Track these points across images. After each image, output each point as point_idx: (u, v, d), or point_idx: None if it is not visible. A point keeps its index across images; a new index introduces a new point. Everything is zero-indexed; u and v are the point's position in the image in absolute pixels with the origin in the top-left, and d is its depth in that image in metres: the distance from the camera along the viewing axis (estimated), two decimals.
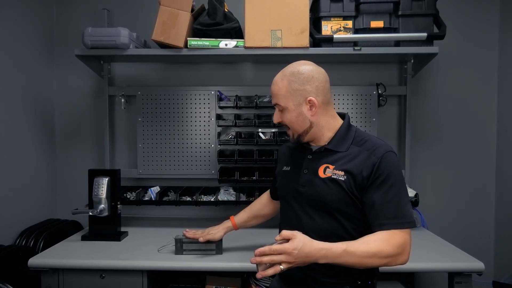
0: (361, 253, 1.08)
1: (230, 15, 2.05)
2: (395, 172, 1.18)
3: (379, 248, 1.09)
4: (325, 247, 1.07)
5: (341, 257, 1.08)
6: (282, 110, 1.28)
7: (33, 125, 2.23)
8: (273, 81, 1.30)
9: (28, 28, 2.18)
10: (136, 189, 2.27)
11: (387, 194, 1.15)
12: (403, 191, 1.18)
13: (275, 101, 1.29)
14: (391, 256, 1.10)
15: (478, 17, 2.35)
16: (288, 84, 1.24)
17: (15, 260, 1.77)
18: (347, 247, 1.08)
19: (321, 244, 1.08)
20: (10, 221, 2.02)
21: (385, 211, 1.15)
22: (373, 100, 2.30)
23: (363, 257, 1.08)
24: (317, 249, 1.06)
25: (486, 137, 2.38)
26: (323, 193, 1.22)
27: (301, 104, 1.25)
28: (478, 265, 1.57)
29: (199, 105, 2.35)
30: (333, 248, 1.07)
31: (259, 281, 1.79)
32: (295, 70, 1.26)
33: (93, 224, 1.91)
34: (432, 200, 2.36)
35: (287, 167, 1.39)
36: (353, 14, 2.00)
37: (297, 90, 1.24)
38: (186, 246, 1.67)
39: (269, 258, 1.05)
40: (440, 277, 2.25)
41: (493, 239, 2.38)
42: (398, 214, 1.14)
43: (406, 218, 1.15)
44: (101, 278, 1.62)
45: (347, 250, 1.07)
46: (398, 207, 1.15)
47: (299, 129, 1.28)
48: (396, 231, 1.13)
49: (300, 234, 1.08)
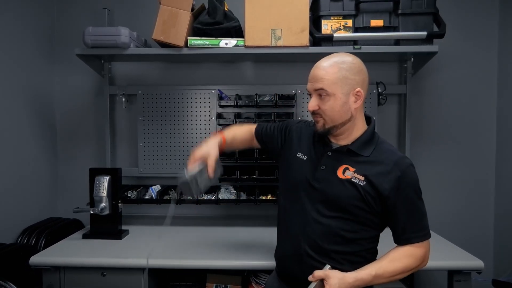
0: (389, 273, 1.18)
1: (230, 14, 2.05)
2: (417, 185, 1.23)
3: (406, 264, 1.19)
4: (358, 278, 1.15)
5: (372, 282, 1.16)
6: (323, 97, 1.20)
7: (34, 124, 2.24)
8: (318, 66, 1.23)
9: (29, 28, 2.19)
10: (137, 187, 2.28)
11: (412, 210, 1.21)
12: (423, 204, 1.24)
13: (319, 86, 1.20)
14: (415, 268, 1.21)
15: (478, 16, 2.35)
16: (338, 71, 1.19)
17: (17, 258, 1.78)
18: (376, 272, 1.16)
19: (352, 277, 1.15)
20: (12, 219, 2.03)
21: (411, 226, 1.21)
22: (373, 99, 2.31)
23: (391, 276, 1.18)
24: (351, 283, 1.14)
25: (485, 135, 2.38)
26: (340, 193, 1.21)
27: (348, 93, 1.20)
28: (477, 263, 1.58)
29: (200, 104, 2.35)
30: (364, 277, 1.15)
31: (259, 278, 1.80)
32: (345, 59, 1.21)
33: (94, 223, 1.92)
34: (432, 198, 2.35)
35: (304, 155, 1.32)
36: (353, 13, 2.00)
37: (347, 79, 1.19)
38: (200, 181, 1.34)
39: None
40: (439, 275, 2.26)
41: (492, 237, 2.38)
42: (421, 227, 1.22)
43: (427, 229, 1.23)
44: (102, 276, 1.63)
45: (376, 275, 1.16)
46: (421, 220, 1.22)
47: (337, 120, 1.22)
48: (419, 244, 1.21)
49: (332, 273, 1.14)
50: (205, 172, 1.35)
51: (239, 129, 1.58)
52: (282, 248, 1.35)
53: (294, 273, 1.27)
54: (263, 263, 1.57)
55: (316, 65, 1.24)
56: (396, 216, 1.20)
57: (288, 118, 2.24)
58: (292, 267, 1.29)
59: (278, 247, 1.38)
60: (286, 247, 1.32)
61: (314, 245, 1.22)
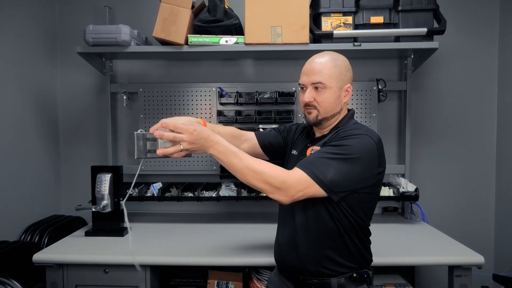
0: (247, 162, 1.14)
1: (231, 12, 2.06)
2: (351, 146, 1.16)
3: (266, 170, 1.13)
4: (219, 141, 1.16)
5: (226, 154, 1.15)
6: (320, 89, 1.27)
7: (36, 122, 2.25)
8: (314, 61, 1.29)
9: (31, 26, 2.20)
10: (138, 185, 2.29)
11: (324, 152, 1.18)
12: (343, 164, 1.14)
13: (317, 79, 1.26)
14: (270, 185, 1.13)
15: (478, 12, 2.34)
16: (335, 66, 1.27)
17: (21, 255, 1.79)
18: (238, 151, 1.16)
19: (217, 137, 1.17)
20: (15, 217, 2.04)
21: (308, 160, 1.19)
22: (373, 96, 2.31)
23: (246, 166, 1.14)
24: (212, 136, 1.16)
25: (486, 131, 2.39)
26: None
27: (341, 88, 1.29)
28: (478, 259, 1.58)
29: (200, 101, 2.36)
30: (225, 144, 1.17)
31: (260, 275, 1.81)
32: (338, 57, 1.30)
33: (96, 220, 1.94)
34: (432, 194, 2.38)
35: (296, 151, 1.42)
36: (353, 9, 2.01)
37: (341, 74, 1.28)
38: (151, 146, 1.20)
39: (172, 134, 1.14)
40: (440, 271, 2.27)
41: (493, 233, 2.39)
42: (315, 165, 1.15)
43: (318, 171, 1.13)
44: (105, 273, 1.64)
45: (235, 152, 1.15)
46: (322, 164, 1.14)
47: (330, 111, 1.29)
48: (297, 170, 1.16)
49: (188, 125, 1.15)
50: None
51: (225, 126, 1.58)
52: (278, 239, 1.41)
53: (290, 262, 1.31)
54: (264, 260, 1.58)
55: (312, 60, 1.31)
56: None
57: (288, 115, 2.25)
58: (287, 257, 1.32)
59: (275, 239, 1.44)
60: (281, 238, 1.38)
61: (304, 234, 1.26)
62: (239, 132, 1.56)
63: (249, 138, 1.55)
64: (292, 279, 1.33)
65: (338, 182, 1.14)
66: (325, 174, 1.13)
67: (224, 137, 1.45)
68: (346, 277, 1.24)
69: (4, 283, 1.55)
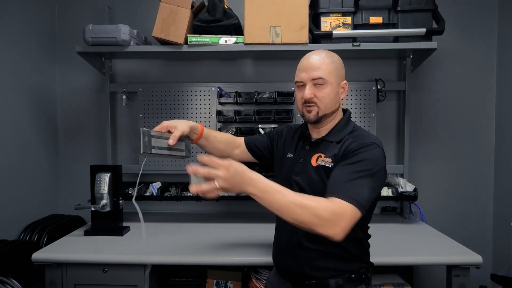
0: (292, 198, 1.04)
1: (230, 12, 2.06)
2: (370, 160, 1.15)
3: (313, 204, 1.04)
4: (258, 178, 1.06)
5: (269, 192, 1.06)
6: (320, 85, 1.25)
7: (36, 122, 2.25)
8: (311, 57, 1.27)
9: (30, 26, 2.20)
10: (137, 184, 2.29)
11: (350, 172, 1.13)
12: (371, 181, 1.13)
13: (318, 75, 1.24)
14: (320, 218, 1.03)
15: (477, 12, 2.35)
16: (332, 62, 1.27)
17: (20, 255, 1.79)
18: (276, 186, 1.07)
19: (254, 173, 1.07)
20: (14, 216, 2.04)
21: (341, 185, 1.11)
22: (372, 96, 2.31)
23: (292, 202, 1.04)
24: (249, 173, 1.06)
25: (484, 131, 2.39)
26: (314, 180, 1.25)
27: (339, 84, 1.29)
28: (476, 258, 1.58)
29: (200, 101, 2.36)
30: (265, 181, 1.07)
31: (259, 274, 1.81)
32: (333, 54, 1.30)
33: (95, 219, 1.94)
34: (431, 194, 2.38)
35: (291, 154, 1.39)
36: (352, 10, 2.01)
37: (338, 70, 1.28)
38: (155, 142, 1.31)
39: (207, 170, 1.04)
40: (438, 270, 2.27)
41: (491, 232, 2.40)
42: (352, 190, 1.10)
43: (358, 199, 1.08)
44: (104, 272, 1.64)
45: (277, 189, 1.06)
46: (356, 186, 1.11)
47: (330, 108, 1.27)
48: (339, 200, 1.07)
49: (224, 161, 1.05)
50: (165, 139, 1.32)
51: (220, 132, 1.58)
52: (276, 241, 1.40)
53: (290, 266, 1.31)
54: (263, 259, 1.58)
55: (309, 57, 1.28)
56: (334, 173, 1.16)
57: (287, 115, 2.25)
58: (286, 259, 1.32)
59: (274, 241, 1.43)
60: (280, 240, 1.38)
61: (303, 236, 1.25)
62: (233, 138, 1.56)
63: (240, 143, 1.56)
64: (290, 280, 1.33)
65: (370, 199, 1.14)
66: (363, 197, 1.10)
67: (220, 143, 1.50)
68: (344, 278, 1.25)
69: (3, 282, 1.55)
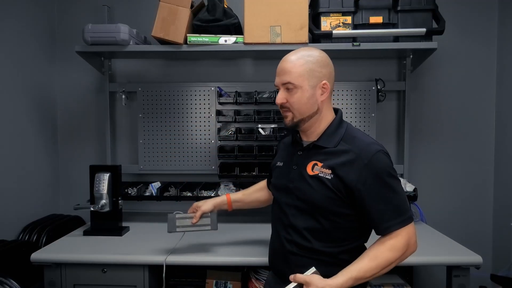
0: (372, 273, 1.12)
1: (230, 11, 2.05)
2: (387, 171, 1.16)
3: (388, 259, 1.13)
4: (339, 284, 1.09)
5: (354, 284, 1.11)
6: (291, 90, 1.22)
7: (35, 122, 2.25)
8: (285, 59, 1.25)
9: (29, 25, 2.19)
10: (137, 184, 2.29)
11: (385, 197, 1.15)
12: (397, 189, 1.17)
13: (287, 79, 1.22)
14: (400, 258, 1.15)
15: (477, 12, 2.35)
16: (305, 63, 1.21)
17: (19, 255, 1.78)
18: (357, 274, 1.11)
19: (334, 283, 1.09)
20: (13, 216, 2.04)
21: (387, 214, 1.15)
22: (372, 96, 2.31)
23: (374, 274, 1.13)
24: (330, 281, 1.09)
25: (484, 131, 2.39)
26: (310, 190, 1.21)
27: (315, 86, 1.21)
28: (476, 259, 1.58)
29: (199, 101, 2.36)
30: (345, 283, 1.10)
31: (258, 274, 1.81)
32: (312, 53, 1.23)
33: (95, 219, 1.93)
34: (431, 194, 2.38)
35: (281, 162, 1.37)
36: (352, 9, 2.01)
37: (314, 71, 1.21)
38: (180, 223, 1.61)
39: None
40: (438, 271, 2.27)
41: (491, 233, 2.39)
42: (398, 213, 1.15)
43: (406, 214, 1.16)
44: (103, 273, 1.64)
45: (357, 277, 1.11)
46: (397, 207, 1.15)
47: (305, 112, 1.23)
48: (399, 231, 1.14)
49: (314, 280, 1.09)
50: (189, 218, 1.60)
51: (248, 188, 1.70)
52: (271, 246, 1.39)
53: (283, 270, 1.28)
54: (263, 259, 1.57)
55: (284, 59, 1.26)
56: (369, 206, 1.15)
57: None
58: (280, 265, 1.32)
59: (269, 243, 1.42)
60: (273, 244, 1.36)
61: (296, 244, 1.24)
62: (260, 185, 1.68)
63: (265, 185, 1.65)
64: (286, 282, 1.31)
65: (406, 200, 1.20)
66: (406, 209, 1.17)
67: (253, 193, 1.64)
68: None
69: (2, 283, 1.55)
